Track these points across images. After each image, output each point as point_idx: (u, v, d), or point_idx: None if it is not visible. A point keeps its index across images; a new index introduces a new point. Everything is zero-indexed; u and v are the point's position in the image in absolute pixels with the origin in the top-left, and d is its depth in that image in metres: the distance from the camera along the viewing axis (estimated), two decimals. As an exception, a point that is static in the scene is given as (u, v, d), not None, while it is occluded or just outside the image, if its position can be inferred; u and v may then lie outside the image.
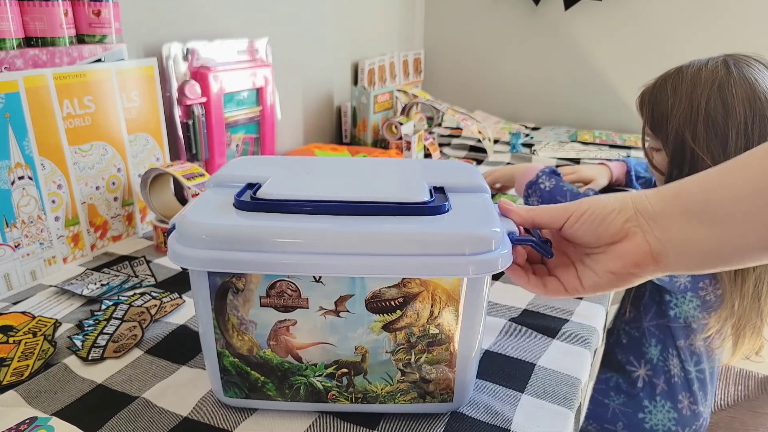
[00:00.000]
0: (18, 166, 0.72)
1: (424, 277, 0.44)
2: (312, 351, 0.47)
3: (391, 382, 0.48)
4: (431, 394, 0.49)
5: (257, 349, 0.47)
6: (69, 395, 0.53)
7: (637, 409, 0.98)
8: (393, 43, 1.81)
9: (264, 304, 0.45)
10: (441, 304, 0.45)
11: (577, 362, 0.61)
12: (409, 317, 0.46)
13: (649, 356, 0.98)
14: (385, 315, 0.45)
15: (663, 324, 0.96)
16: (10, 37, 0.72)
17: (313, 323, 0.46)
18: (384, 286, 0.44)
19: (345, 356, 0.47)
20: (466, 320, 0.46)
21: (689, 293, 0.91)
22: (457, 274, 0.44)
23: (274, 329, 0.46)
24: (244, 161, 0.59)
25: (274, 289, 0.45)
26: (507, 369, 0.58)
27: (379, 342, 0.47)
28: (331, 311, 0.45)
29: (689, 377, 0.96)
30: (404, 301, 0.45)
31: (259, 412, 0.51)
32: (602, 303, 0.74)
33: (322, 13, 1.42)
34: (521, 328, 0.66)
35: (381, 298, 0.45)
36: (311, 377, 0.48)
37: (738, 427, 1.15)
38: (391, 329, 0.46)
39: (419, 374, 0.48)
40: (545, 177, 0.92)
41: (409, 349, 0.47)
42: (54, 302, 0.71)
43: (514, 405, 0.53)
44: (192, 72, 1.00)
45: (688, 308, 0.93)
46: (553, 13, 1.78)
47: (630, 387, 0.99)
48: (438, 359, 0.48)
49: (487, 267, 0.42)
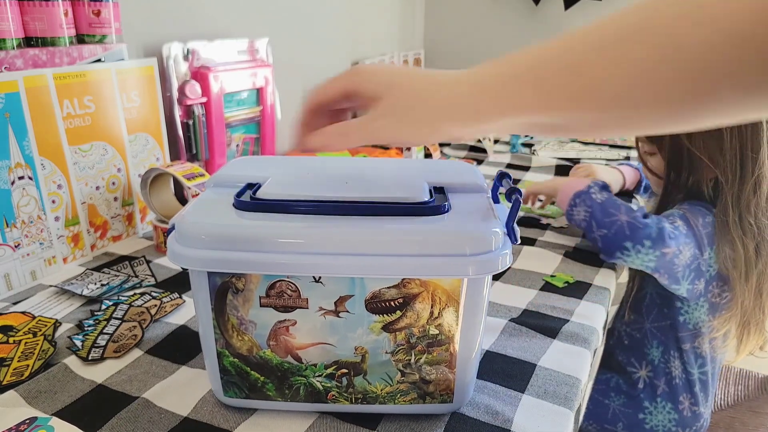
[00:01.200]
0: (18, 166, 0.72)
1: (424, 278, 0.44)
2: (312, 351, 0.47)
3: (391, 383, 0.48)
4: (431, 395, 0.49)
5: (257, 349, 0.47)
6: (69, 395, 0.53)
7: (638, 409, 0.98)
8: (393, 43, 1.81)
9: (264, 304, 0.45)
10: (441, 304, 0.45)
11: (578, 362, 0.61)
12: (409, 318, 0.46)
13: (650, 357, 0.98)
14: (384, 315, 0.45)
15: (665, 326, 0.96)
16: (10, 37, 0.72)
17: (312, 323, 0.46)
18: (384, 286, 0.44)
19: (345, 357, 0.47)
20: (467, 321, 0.46)
21: (701, 299, 0.91)
22: (457, 275, 0.43)
23: (273, 329, 0.46)
24: (244, 161, 0.59)
25: (274, 289, 0.44)
26: (507, 369, 0.58)
27: (378, 342, 0.47)
28: (330, 311, 0.45)
29: (691, 379, 0.95)
30: (404, 301, 0.45)
31: (258, 413, 0.51)
32: (602, 303, 0.74)
33: (322, 13, 1.42)
34: (521, 328, 0.66)
35: (381, 298, 0.45)
36: (311, 377, 0.48)
37: (738, 427, 1.15)
38: (390, 330, 0.46)
39: (419, 375, 0.48)
40: (597, 189, 0.89)
41: (409, 349, 0.47)
42: (54, 302, 0.71)
43: (514, 405, 0.53)
44: (192, 72, 1.00)
45: (698, 314, 0.92)
46: (553, 13, 1.78)
47: (630, 388, 0.99)
48: (438, 360, 0.48)
49: (487, 267, 0.43)
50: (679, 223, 0.84)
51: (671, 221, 0.84)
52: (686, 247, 0.83)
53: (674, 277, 0.85)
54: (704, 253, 0.85)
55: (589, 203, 0.87)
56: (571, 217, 0.91)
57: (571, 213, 0.90)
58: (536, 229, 0.99)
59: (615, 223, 0.83)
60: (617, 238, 0.83)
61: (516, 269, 0.83)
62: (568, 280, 0.80)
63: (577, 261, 0.86)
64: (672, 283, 0.85)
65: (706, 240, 0.84)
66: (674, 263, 0.83)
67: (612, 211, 0.85)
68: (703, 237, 0.84)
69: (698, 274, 0.86)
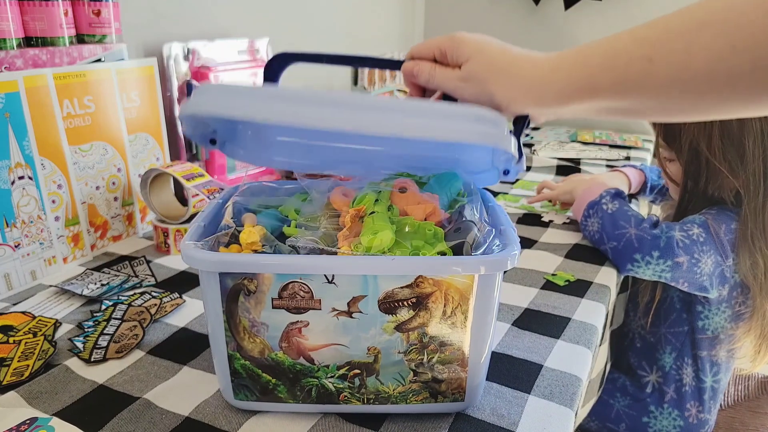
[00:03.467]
0: (18, 165, 0.72)
1: (436, 277, 0.44)
2: (324, 352, 0.47)
3: (404, 383, 0.48)
4: (443, 394, 0.49)
5: (269, 351, 0.47)
6: (70, 396, 0.53)
7: (642, 412, 0.97)
8: (393, 43, 1.81)
9: (276, 306, 0.45)
10: (453, 303, 0.45)
11: (579, 362, 0.61)
12: (422, 317, 0.45)
13: (661, 363, 0.97)
14: (397, 315, 0.45)
15: (681, 332, 0.94)
16: (10, 37, 0.71)
17: (325, 324, 0.46)
18: (397, 286, 0.44)
19: (357, 357, 0.47)
20: (478, 319, 0.46)
21: (723, 304, 0.89)
22: (468, 272, 0.44)
23: (286, 331, 0.46)
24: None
25: (287, 291, 0.44)
26: (513, 370, 0.58)
27: (391, 342, 0.46)
28: (343, 312, 0.45)
29: (702, 386, 0.94)
30: (417, 301, 0.45)
31: (261, 414, 0.51)
32: (603, 302, 0.74)
33: (322, 13, 1.42)
34: (525, 328, 0.66)
35: (394, 298, 0.44)
36: (323, 378, 0.48)
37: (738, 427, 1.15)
38: (403, 329, 0.46)
39: (431, 374, 0.48)
40: (608, 198, 0.88)
41: (421, 349, 0.47)
42: (54, 302, 0.70)
43: (521, 406, 0.53)
44: (192, 72, 0.99)
45: (719, 319, 0.91)
46: (553, 13, 1.78)
47: (638, 391, 0.98)
48: (450, 359, 0.47)
49: (497, 266, 0.44)
50: (695, 231, 0.82)
51: (686, 229, 0.82)
52: (705, 255, 0.81)
53: (700, 286, 0.83)
54: (727, 259, 0.83)
55: (600, 215, 0.87)
56: (585, 229, 0.90)
57: (585, 225, 0.90)
58: (538, 227, 0.99)
59: (624, 235, 0.83)
60: (627, 251, 0.83)
61: (517, 268, 0.83)
62: (569, 278, 0.79)
63: (578, 259, 0.86)
64: (699, 291, 0.84)
65: (728, 246, 0.82)
66: (694, 272, 0.81)
67: (622, 223, 0.84)
68: (725, 244, 0.82)
69: (722, 280, 0.85)
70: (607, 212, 0.86)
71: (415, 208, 0.50)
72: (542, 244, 0.92)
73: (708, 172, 0.86)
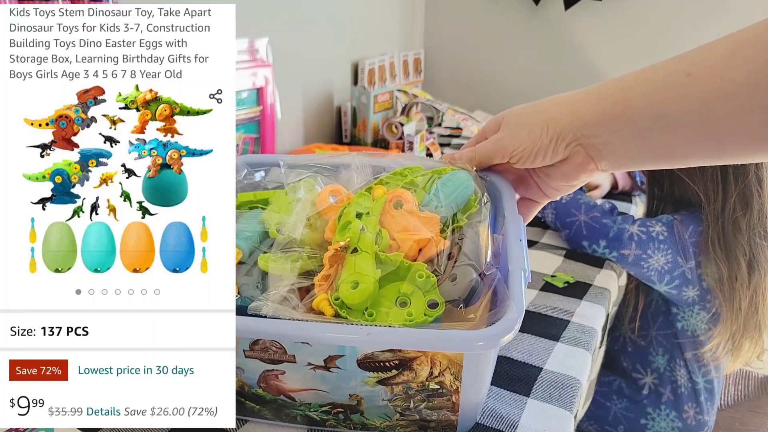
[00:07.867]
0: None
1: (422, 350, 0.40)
2: (305, 394, 0.45)
3: (391, 420, 0.46)
4: (434, 429, 0.47)
5: (248, 388, 0.46)
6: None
7: (640, 415, 0.97)
8: (393, 43, 1.81)
9: (249, 356, 0.43)
10: (441, 366, 0.41)
11: (579, 364, 0.60)
12: (407, 376, 0.42)
13: (655, 365, 0.97)
14: (379, 372, 0.42)
15: (669, 334, 0.95)
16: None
17: (302, 374, 0.43)
18: (377, 350, 0.41)
19: (340, 400, 0.45)
20: (470, 378, 0.42)
21: (696, 306, 0.90)
22: (459, 350, 0.40)
23: (263, 375, 0.44)
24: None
25: (258, 345, 0.42)
26: (512, 373, 0.58)
27: (375, 392, 0.44)
28: (320, 366, 0.42)
29: (697, 388, 0.94)
30: (400, 363, 0.41)
31: (251, 423, 0.50)
32: (602, 304, 0.74)
33: (322, 13, 1.42)
34: (524, 330, 0.66)
35: (374, 359, 0.41)
36: (307, 411, 0.47)
37: (738, 427, 1.15)
38: (387, 384, 0.43)
39: (419, 416, 0.45)
40: None
41: (407, 399, 0.44)
42: None
43: (520, 409, 0.53)
44: (192, 72, 0.99)
45: (695, 321, 0.92)
46: (553, 13, 1.78)
47: (634, 393, 0.98)
48: (440, 406, 0.44)
49: (490, 343, 0.38)
50: (656, 229, 0.83)
51: (647, 225, 0.84)
52: (660, 253, 0.82)
53: (647, 278, 0.86)
54: (689, 261, 0.84)
55: (554, 204, 0.89)
56: (545, 219, 0.93)
57: (543, 215, 0.93)
58: (537, 228, 0.99)
59: (574, 223, 0.86)
60: (576, 237, 0.86)
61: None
62: (568, 280, 0.79)
63: (577, 261, 0.86)
64: (646, 281, 0.87)
65: (692, 249, 0.84)
66: (641, 266, 0.84)
67: (573, 210, 0.87)
68: (688, 246, 0.83)
69: (685, 282, 0.85)
70: (560, 202, 0.88)
71: (406, 239, 0.44)
72: (542, 245, 0.92)
73: (670, 178, 0.88)
